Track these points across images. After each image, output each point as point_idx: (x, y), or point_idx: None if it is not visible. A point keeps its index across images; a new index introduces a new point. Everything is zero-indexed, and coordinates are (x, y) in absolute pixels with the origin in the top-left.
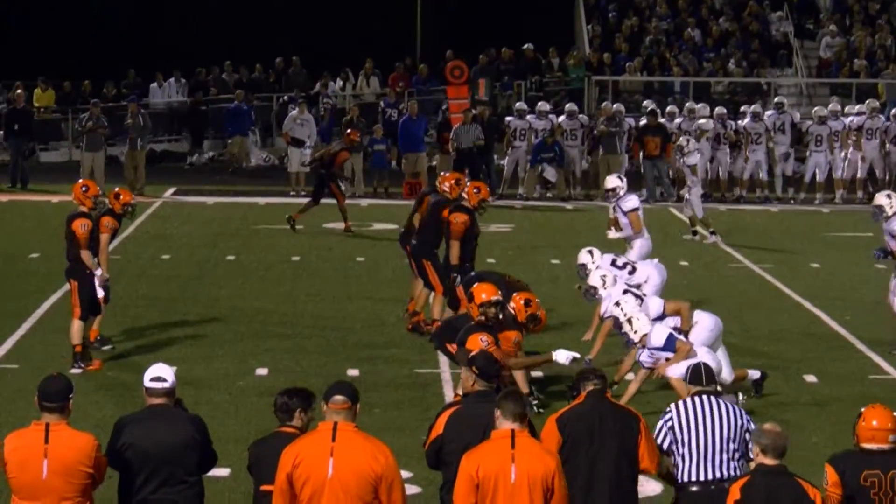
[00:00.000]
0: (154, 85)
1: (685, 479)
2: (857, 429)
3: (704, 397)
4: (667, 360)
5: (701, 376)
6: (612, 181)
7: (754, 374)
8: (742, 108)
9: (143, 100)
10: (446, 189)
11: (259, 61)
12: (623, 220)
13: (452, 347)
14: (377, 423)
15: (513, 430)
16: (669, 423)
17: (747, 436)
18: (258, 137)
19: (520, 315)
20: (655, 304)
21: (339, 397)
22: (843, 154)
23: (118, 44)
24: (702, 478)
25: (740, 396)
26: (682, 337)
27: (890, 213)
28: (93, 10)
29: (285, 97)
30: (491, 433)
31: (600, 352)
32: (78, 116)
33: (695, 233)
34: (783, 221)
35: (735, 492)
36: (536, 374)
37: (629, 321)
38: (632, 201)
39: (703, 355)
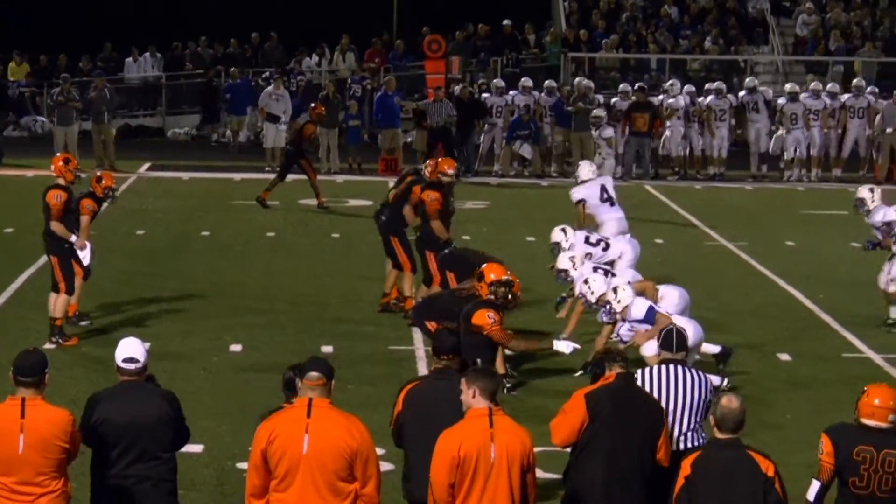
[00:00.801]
0: (129, 59)
1: None
2: (858, 403)
3: (672, 366)
4: (646, 331)
5: (672, 343)
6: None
7: (714, 348)
8: (706, 86)
9: (119, 74)
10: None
11: (235, 36)
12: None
13: (432, 325)
14: (352, 400)
15: (490, 408)
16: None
17: (708, 406)
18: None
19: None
20: (628, 277)
21: (313, 373)
22: (823, 131)
23: (94, 18)
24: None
25: (725, 381)
26: (662, 309)
27: (871, 206)
28: None
29: (266, 73)
30: (465, 412)
31: (574, 331)
32: (51, 91)
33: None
34: (759, 199)
35: (686, 467)
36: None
37: (614, 290)
38: (577, 193)
39: (684, 326)
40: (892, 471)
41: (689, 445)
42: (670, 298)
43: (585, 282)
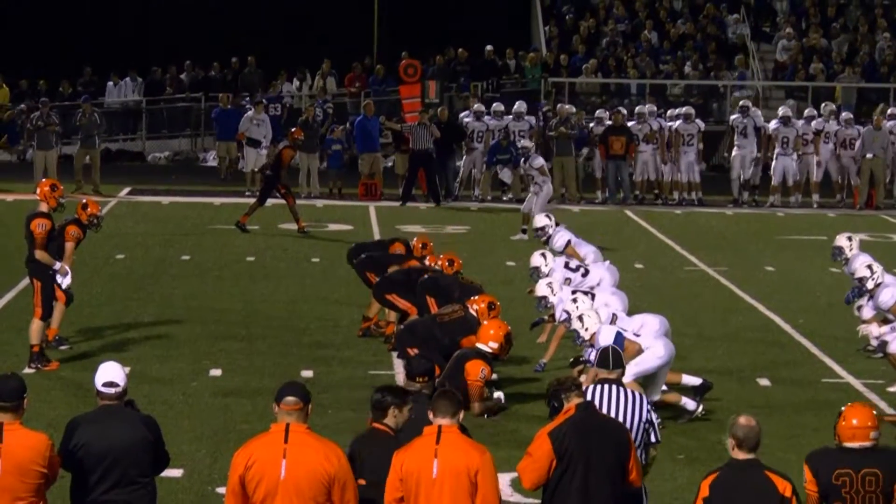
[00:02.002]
0: (110, 84)
1: None
2: (837, 428)
3: (607, 386)
4: None
5: (608, 361)
6: (540, 220)
7: (694, 380)
8: (670, 112)
9: (100, 98)
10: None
11: (215, 60)
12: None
13: (413, 351)
14: (331, 424)
15: (440, 426)
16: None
17: (647, 426)
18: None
19: (482, 317)
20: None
21: (290, 398)
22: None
23: (74, 42)
24: None
25: (700, 408)
26: (631, 335)
27: (849, 254)
28: (50, 9)
29: (248, 98)
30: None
31: (554, 356)
32: (30, 115)
33: (524, 231)
34: (738, 224)
35: (704, 489)
36: (506, 373)
37: (580, 318)
38: (561, 238)
39: (656, 348)
40: (873, 489)
41: None
42: (650, 326)
43: (574, 300)
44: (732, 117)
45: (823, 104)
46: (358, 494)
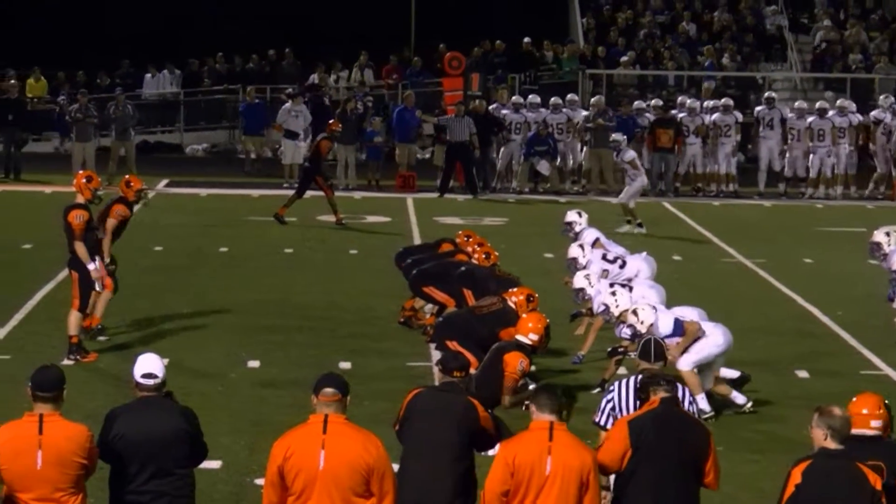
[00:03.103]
0: (147, 76)
1: None
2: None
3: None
4: (676, 344)
5: (650, 353)
6: (569, 216)
7: (732, 373)
8: (708, 103)
9: (137, 90)
10: (475, 256)
11: (253, 53)
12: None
13: (452, 344)
14: (368, 415)
15: (551, 423)
16: (611, 404)
17: None
18: (269, 135)
19: (520, 310)
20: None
21: (329, 389)
22: (847, 149)
23: (112, 34)
24: None
25: (749, 403)
26: (687, 317)
27: (888, 250)
28: (87, 1)
29: (289, 90)
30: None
31: (591, 348)
32: (69, 107)
33: (629, 222)
34: (776, 216)
35: (796, 475)
36: (543, 365)
37: (634, 312)
38: (589, 236)
39: (712, 331)
40: None
41: None
42: (689, 318)
43: (612, 293)
44: (758, 109)
45: (883, 95)
46: (396, 484)
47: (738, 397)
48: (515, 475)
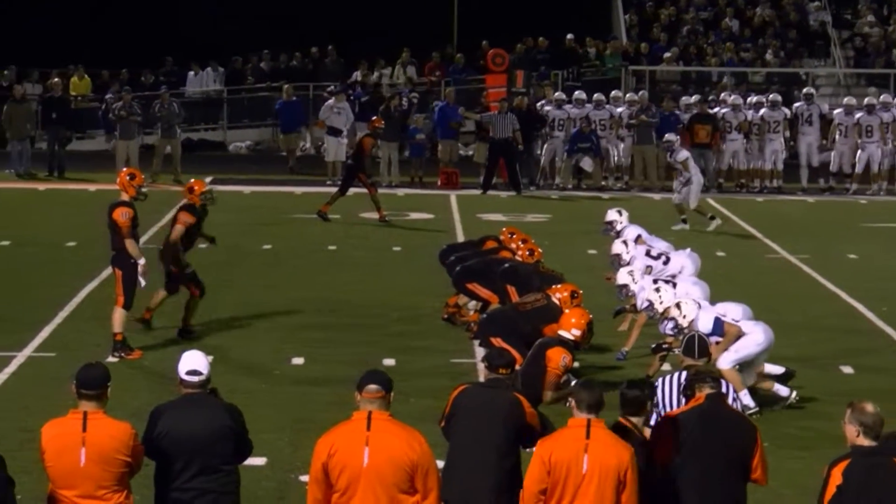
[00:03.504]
0: (191, 73)
1: None
2: None
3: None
4: (717, 343)
5: (693, 349)
6: (610, 215)
7: (777, 369)
8: (751, 99)
9: (180, 88)
10: (520, 254)
11: (295, 50)
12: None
13: (497, 341)
14: (413, 413)
15: (588, 420)
16: (654, 399)
17: None
18: (309, 133)
19: (564, 306)
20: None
21: (372, 386)
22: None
23: (155, 32)
24: None
25: (794, 394)
26: (729, 319)
27: None
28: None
29: (331, 87)
30: (568, 422)
31: (634, 344)
32: (112, 105)
33: (685, 220)
34: (820, 212)
35: (836, 476)
36: (587, 361)
37: (678, 306)
38: (631, 233)
39: (754, 330)
40: None
41: None
42: (732, 314)
43: (656, 289)
44: (796, 105)
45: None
46: (440, 481)
47: (783, 390)
48: (552, 473)
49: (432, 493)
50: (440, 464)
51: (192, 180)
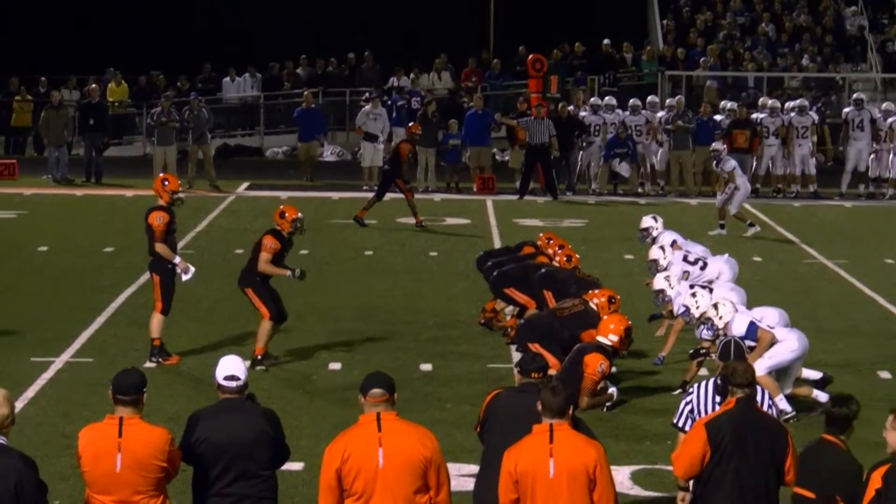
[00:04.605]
0: (227, 79)
1: None
2: None
3: None
4: (749, 349)
5: (729, 354)
6: (645, 221)
7: (814, 374)
8: (787, 104)
9: (217, 94)
10: (554, 257)
11: (332, 56)
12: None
13: (534, 347)
14: (449, 419)
15: (551, 424)
16: (690, 406)
17: None
18: (325, 141)
19: (602, 312)
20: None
21: (376, 390)
22: None
23: (191, 39)
24: None
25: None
26: (764, 324)
27: None
28: (168, 6)
29: (367, 94)
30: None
31: (672, 349)
32: (151, 111)
33: (722, 226)
34: (857, 217)
35: (876, 480)
36: (624, 366)
37: (715, 307)
38: (666, 239)
39: (788, 336)
40: None
41: None
42: (769, 319)
43: (693, 294)
44: (846, 110)
45: None
46: (450, 477)
47: (821, 395)
48: (520, 482)
49: (444, 488)
50: (474, 469)
51: (284, 206)
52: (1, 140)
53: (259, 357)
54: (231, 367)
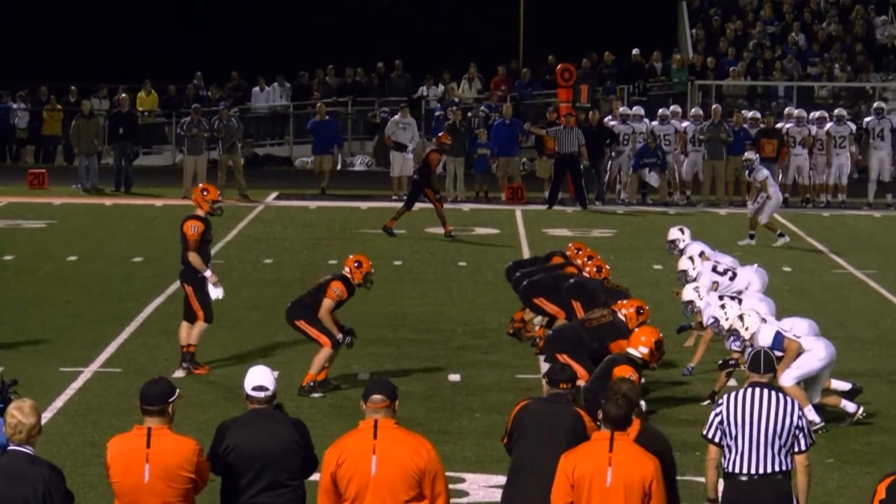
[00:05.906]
0: (255, 89)
1: (731, 469)
2: None
3: (758, 389)
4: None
5: (759, 364)
6: (672, 233)
7: (844, 385)
8: (816, 114)
9: (246, 103)
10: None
11: (361, 65)
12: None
13: (563, 357)
14: (479, 428)
15: (612, 433)
16: (719, 417)
17: (797, 432)
18: (340, 154)
19: (630, 322)
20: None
21: (377, 396)
22: None
23: (221, 48)
24: (746, 470)
25: (860, 410)
26: (791, 334)
27: None
28: (197, 17)
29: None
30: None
31: (701, 360)
32: (181, 120)
33: (752, 236)
34: (887, 226)
35: (881, 491)
36: (653, 377)
37: (740, 317)
38: (693, 250)
39: (816, 346)
40: None
41: (776, 469)
42: (799, 329)
43: (722, 306)
44: (867, 119)
45: None
46: (448, 486)
47: (850, 406)
48: (577, 487)
49: (440, 498)
50: (502, 479)
51: (361, 256)
52: (31, 149)
53: (313, 383)
54: (259, 378)
